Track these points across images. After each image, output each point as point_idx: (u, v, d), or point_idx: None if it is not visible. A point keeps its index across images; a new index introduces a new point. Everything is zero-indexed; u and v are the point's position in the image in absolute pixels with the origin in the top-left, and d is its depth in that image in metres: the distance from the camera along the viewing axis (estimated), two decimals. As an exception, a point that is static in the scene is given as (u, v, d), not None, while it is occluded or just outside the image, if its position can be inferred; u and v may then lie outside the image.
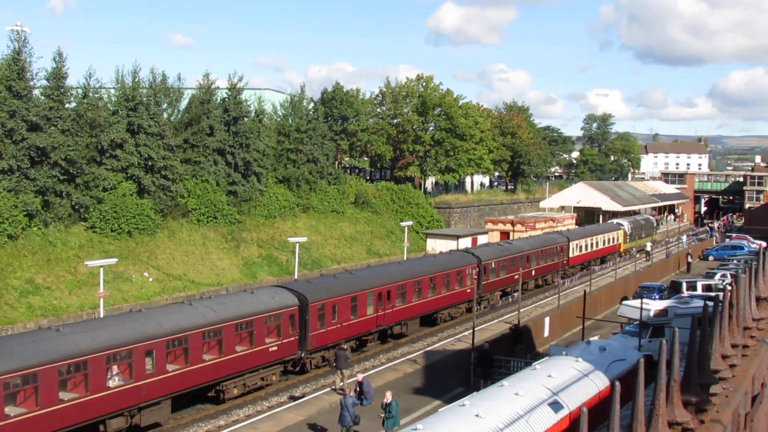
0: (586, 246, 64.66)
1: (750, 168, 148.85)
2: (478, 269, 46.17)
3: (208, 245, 53.61)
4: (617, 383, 4.92)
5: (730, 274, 49.89)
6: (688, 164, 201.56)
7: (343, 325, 33.78)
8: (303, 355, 31.71)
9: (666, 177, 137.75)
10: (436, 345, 38.15)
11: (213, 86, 61.12)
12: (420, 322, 42.13)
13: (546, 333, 38.15)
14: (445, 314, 43.58)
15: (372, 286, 36.24)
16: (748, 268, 9.26)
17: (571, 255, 60.84)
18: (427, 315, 41.98)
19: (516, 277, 46.67)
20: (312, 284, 34.04)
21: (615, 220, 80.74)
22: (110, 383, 23.40)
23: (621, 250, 71.94)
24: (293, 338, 30.87)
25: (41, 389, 21.22)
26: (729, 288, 7.51)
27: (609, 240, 70.36)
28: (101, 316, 32.55)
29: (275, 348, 29.94)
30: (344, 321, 33.79)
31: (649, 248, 77.02)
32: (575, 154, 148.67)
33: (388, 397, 23.32)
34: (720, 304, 6.51)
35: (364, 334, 35.97)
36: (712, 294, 39.23)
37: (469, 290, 44.55)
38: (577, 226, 79.22)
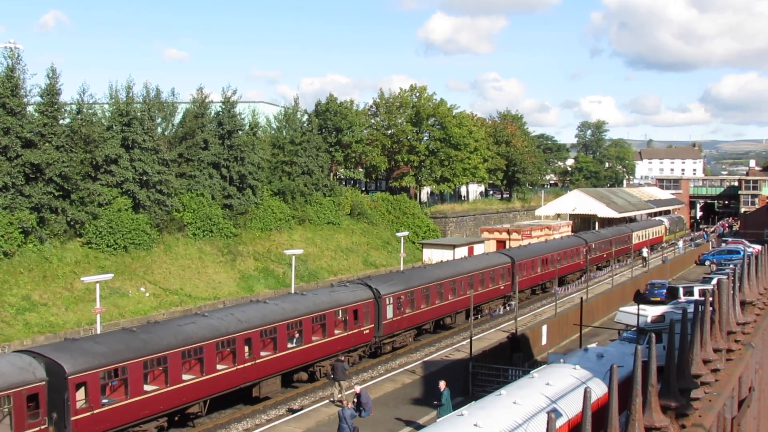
0: (643, 236, 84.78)
1: (745, 172, 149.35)
2: (586, 248, 65.46)
3: (204, 259, 53.59)
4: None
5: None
6: (683, 169, 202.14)
7: (529, 277, 54.22)
8: (513, 294, 47.42)
9: (661, 183, 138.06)
10: (434, 355, 38.19)
11: (207, 100, 61.18)
12: (557, 283, 58.70)
13: (544, 341, 38.16)
14: (568, 278, 62.39)
15: (540, 254, 56.77)
16: (731, 272, 9.33)
17: (633, 242, 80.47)
18: (561, 277, 59.95)
19: (605, 255, 70.53)
20: (515, 251, 55.48)
21: (657, 217, 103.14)
22: (436, 302, 42.02)
23: (663, 240, 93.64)
24: (508, 282, 50.42)
25: (416, 300, 39.79)
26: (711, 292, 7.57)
27: (656, 232, 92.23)
28: (98, 332, 32.53)
29: (502, 287, 50.24)
30: (530, 275, 54.23)
31: (645, 254, 77.17)
32: (570, 162, 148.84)
33: (442, 386, 25.12)
34: (701, 308, 6.57)
35: (535, 285, 56.22)
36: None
37: (581, 262, 64.66)
38: (573, 233, 79.83)
